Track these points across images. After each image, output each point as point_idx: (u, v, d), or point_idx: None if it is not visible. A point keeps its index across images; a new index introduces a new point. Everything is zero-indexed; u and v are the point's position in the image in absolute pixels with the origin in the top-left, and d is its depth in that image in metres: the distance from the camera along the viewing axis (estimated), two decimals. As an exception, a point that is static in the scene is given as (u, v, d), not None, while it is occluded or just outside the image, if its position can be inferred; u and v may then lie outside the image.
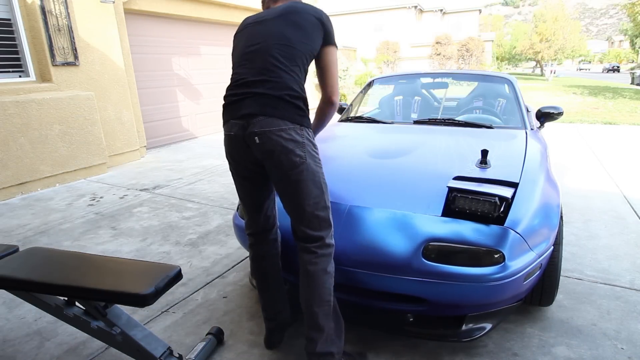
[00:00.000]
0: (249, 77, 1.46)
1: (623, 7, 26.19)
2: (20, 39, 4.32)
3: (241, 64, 1.52)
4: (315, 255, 1.45)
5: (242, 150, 1.47)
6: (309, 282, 1.46)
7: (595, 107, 11.01)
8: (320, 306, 1.45)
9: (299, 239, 1.50)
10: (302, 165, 1.41)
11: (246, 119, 1.42)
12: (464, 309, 1.61)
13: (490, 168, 1.87)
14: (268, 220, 1.65)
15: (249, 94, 1.43)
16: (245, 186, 1.59)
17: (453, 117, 2.91)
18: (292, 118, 1.42)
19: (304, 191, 1.43)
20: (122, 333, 1.44)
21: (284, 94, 1.42)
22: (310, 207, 1.44)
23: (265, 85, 1.42)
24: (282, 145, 1.39)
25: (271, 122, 1.39)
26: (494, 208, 1.52)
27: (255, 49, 1.49)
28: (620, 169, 4.59)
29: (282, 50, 1.46)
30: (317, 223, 1.46)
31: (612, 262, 2.45)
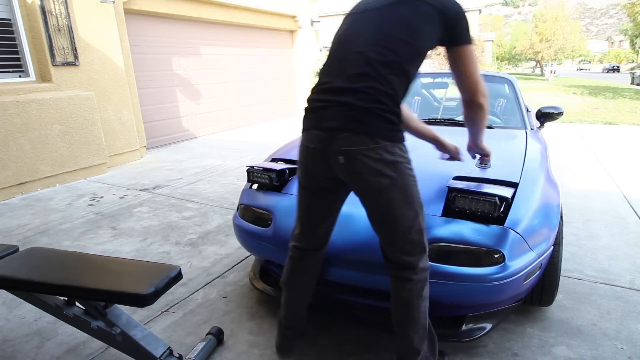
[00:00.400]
0: (337, 82, 1.26)
1: (623, 7, 26.21)
2: (20, 39, 4.32)
3: (331, 65, 1.33)
4: (410, 282, 1.32)
5: (320, 165, 1.30)
6: (403, 309, 1.35)
7: (595, 107, 11.01)
8: (416, 331, 1.35)
9: (390, 264, 1.36)
10: (392, 188, 1.23)
11: (330, 133, 1.24)
12: (464, 309, 1.61)
13: (490, 168, 1.87)
14: (322, 239, 1.50)
15: (333, 103, 1.25)
16: (311, 201, 1.42)
17: (453, 117, 2.91)
18: (383, 134, 1.22)
19: (395, 214, 1.27)
20: (122, 333, 1.44)
21: (374, 106, 1.21)
22: (403, 232, 1.28)
23: (355, 95, 1.22)
24: (370, 166, 1.21)
25: (358, 140, 1.20)
26: (494, 208, 1.52)
27: (349, 48, 1.29)
28: (620, 169, 4.59)
29: (380, 53, 1.24)
30: (411, 248, 1.31)
31: (612, 262, 2.45)
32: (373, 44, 1.25)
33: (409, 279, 1.32)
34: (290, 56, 9.92)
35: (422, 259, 1.34)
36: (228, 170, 4.88)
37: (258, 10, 8.04)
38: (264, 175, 2.00)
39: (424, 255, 1.34)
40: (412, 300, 1.33)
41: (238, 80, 8.22)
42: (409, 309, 1.34)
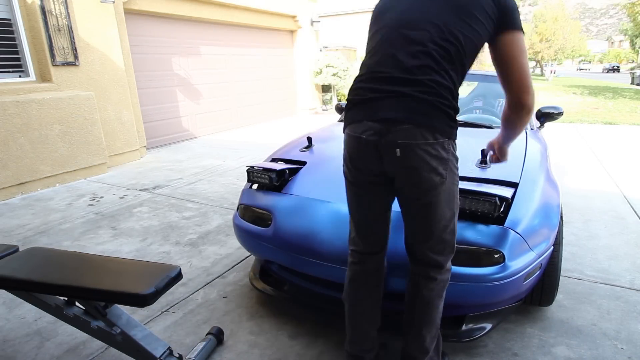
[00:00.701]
0: (395, 72, 1.18)
1: (623, 7, 26.22)
2: (20, 39, 4.32)
3: (384, 52, 1.22)
4: (434, 282, 1.31)
5: (371, 158, 1.23)
6: (422, 307, 1.33)
7: (595, 107, 11.01)
8: (430, 331, 1.35)
9: (417, 262, 1.33)
10: (441, 186, 1.20)
11: (387, 124, 1.17)
12: (464, 309, 1.61)
13: (490, 168, 1.87)
14: (381, 240, 1.42)
15: (392, 93, 1.17)
16: (362, 197, 1.35)
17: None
18: (443, 130, 1.17)
19: (436, 213, 1.23)
20: (122, 333, 1.44)
21: (438, 100, 1.16)
22: (438, 230, 1.26)
23: (415, 87, 1.16)
24: (427, 162, 1.16)
25: (419, 134, 1.14)
26: (494, 208, 1.52)
27: (406, 34, 1.19)
28: (620, 169, 4.59)
29: (439, 45, 1.17)
30: (442, 247, 1.29)
31: (612, 262, 2.45)
32: (435, 33, 1.17)
33: (434, 278, 1.31)
34: (290, 56, 9.92)
35: (448, 260, 1.34)
36: (228, 170, 4.88)
37: (258, 10, 8.04)
38: (264, 175, 2.00)
39: (451, 256, 1.34)
40: (433, 299, 1.33)
41: (238, 80, 8.22)
42: (429, 309, 1.33)
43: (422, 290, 1.33)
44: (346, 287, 1.47)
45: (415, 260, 1.35)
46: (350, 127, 1.27)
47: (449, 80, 1.18)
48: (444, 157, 1.18)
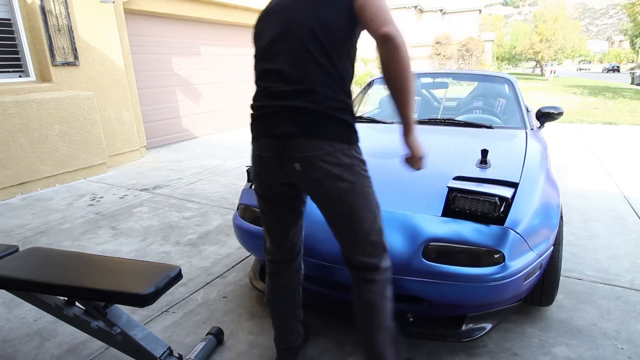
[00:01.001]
0: (282, 86, 1.18)
1: (623, 7, 26.21)
2: (20, 39, 4.32)
3: (267, 66, 1.23)
4: (374, 283, 1.30)
5: (275, 173, 1.25)
6: (368, 312, 1.32)
7: (595, 107, 11.00)
8: (381, 334, 1.32)
9: (353, 267, 1.33)
10: (351, 191, 1.20)
11: (282, 140, 1.18)
12: (464, 309, 1.61)
13: (490, 168, 1.87)
14: (294, 248, 1.46)
15: (282, 108, 1.18)
16: (272, 210, 1.38)
17: (453, 117, 2.91)
18: (339, 137, 1.17)
19: (356, 217, 1.23)
20: (122, 333, 1.44)
21: (326, 107, 1.15)
22: (363, 235, 1.26)
23: (304, 98, 1.15)
24: (329, 171, 1.16)
25: (315, 145, 1.15)
26: (494, 208, 1.52)
27: (284, 45, 1.19)
28: (620, 169, 4.59)
29: (317, 44, 1.15)
30: (372, 249, 1.29)
31: (612, 262, 2.45)
32: (306, 34, 1.15)
33: (372, 279, 1.30)
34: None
35: (384, 258, 1.32)
36: (228, 170, 4.88)
37: (258, 10, 7.98)
38: None
39: (385, 255, 1.33)
40: (377, 301, 1.31)
41: (238, 80, 8.22)
42: (374, 311, 1.31)
43: (364, 294, 1.32)
44: (267, 294, 1.53)
45: (351, 266, 1.34)
46: (253, 144, 1.29)
47: (336, 80, 1.17)
48: (346, 163, 1.18)
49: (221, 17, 7.27)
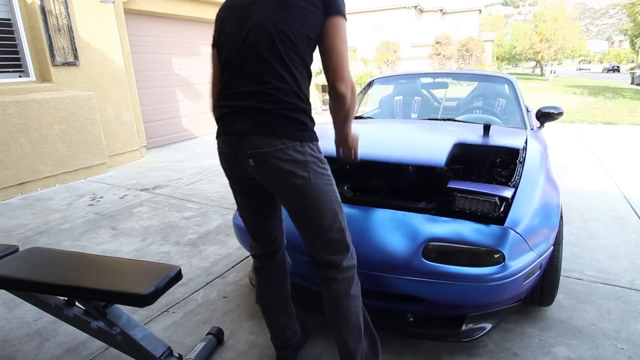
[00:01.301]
0: (239, 86, 1.25)
1: (623, 7, 26.22)
2: (20, 39, 4.32)
3: (228, 68, 1.28)
4: (335, 282, 1.32)
5: (237, 168, 1.31)
6: (334, 309, 1.35)
7: (595, 107, 11.01)
8: (349, 332, 1.34)
9: (317, 265, 1.36)
10: (307, 187, 1.22)
11: (238, 137, 1.24)
12: (464, 309, 1.61)
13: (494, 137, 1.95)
14: (274, 241, 1.48)
15: (238, 108, 1.25)
16: (245, 202, 1.43)
17: (453, 117, 2.91)
18: (291, 134, 1.21)
19: (314, 214, 1.26)
20: (122, 333, 1.44)
21: (279, 107, 1.21)
22: (323, 231, 1.28)
23: (257, 98, 1.21)
24: (281, 167, 1.20)
25: (266, 142, 1.20)
26: (494, 208, 1.53)
27: (242, 49, 1.23)
28: (620, 169, 4.59)
29: (272, 47, 1.19)
30: (333, 247, 1.31)
31: (612, 262, 2.45)
32: (263, 38, 1.20)
33: (333, 278, 1.32)
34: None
35: (346, 257, 1.33)
36: (228, 170, 4.88)
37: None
38: None
39: (347, 254, 1.34)
40: (339, 300, 1.33)
41: (238, 80, 8.22)
42: (338, 310, 1.34)
43: (328, 293, 1.35)
44: (257, 290, 1.56)
45: (315, 263, 1.36)
46: (217, 140, 1.36)
47: (291, 83, 1.22)
48: (299, 159, 1.21)
49: (221, 17, 7.26)
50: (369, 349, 1.43)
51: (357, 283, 1.37)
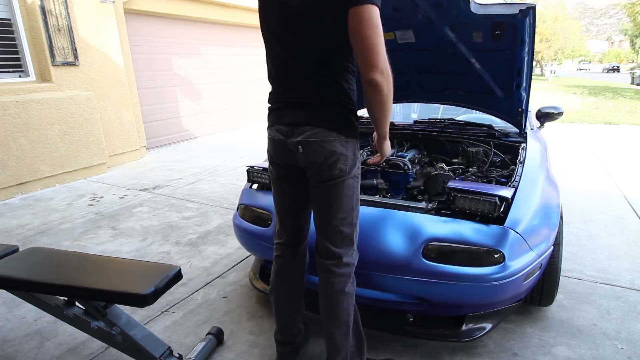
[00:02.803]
0: (291, 85, 1.34)
1: (623, 7, 26.24)
2: (20, 39, 4.32)
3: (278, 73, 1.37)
4: (333, 275, 1.37)
5: (285, 154, 1.39)
6: (326, 302, 1.40)
7: (595, 107, 11.01)
8: (337, 327, 1.38)
9: (319, 255, 1.42)
10: (340, 179, 1.32)
11: (291, 127, 1.33)
12: (464, 309, 1.61)
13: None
14: (300, 232, 1.53)
15: (292, 102, 1.34)
16: (284, 190, 1.49)
17: (453, 117, 2.91)
18: (339, 129, 1.30)
19: (335, 203, 1.34)
20: (122, 333, 1.44)
21: (330, 105, 1.30)
22: (336, 221, 1.35)
23: (311, 96, 1.30)
24: (326, 156, 1.29)
25: (317, 133, 1.29)
26: (494, 208, 1.52)
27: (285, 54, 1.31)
28: (621, 169, 4.59)
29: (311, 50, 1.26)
30: (339, 239, 1.37)
31: (612, 262, 2.45)
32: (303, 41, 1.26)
33: (332, 271, 1.37)
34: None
35: (348, 253, 1.38)
36: (228, 170, 4.88)
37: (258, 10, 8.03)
38: (263, 175, 2.00)
39: (350, 250, 1.39)
40: (334, 294, 1.37)
41: (238, 80, 8.22)
42: (331, 304, 1.38)
43: (325, 285, 1.39)
44: (272, 280, 1.58)
45: (318, 253, 1.42)
46: (268, 130, 1.44)
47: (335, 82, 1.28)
48: (342, 152, 1.30)
49: (221, 17, 7.26)
50: (355, 349, 1.45)
51: (353, 282, 1.41)
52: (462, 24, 2.04)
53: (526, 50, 2.01)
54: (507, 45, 2.06)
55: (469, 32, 2.07)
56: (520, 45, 2.00)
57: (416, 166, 2.26)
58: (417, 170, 2.18)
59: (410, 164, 2.10)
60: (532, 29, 1.92)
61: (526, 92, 2.21)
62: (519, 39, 1.97)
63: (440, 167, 2.23)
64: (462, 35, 2.11)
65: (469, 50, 2.17)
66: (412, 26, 2.19)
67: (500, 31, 1.99)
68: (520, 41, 1.98)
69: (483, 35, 2.06)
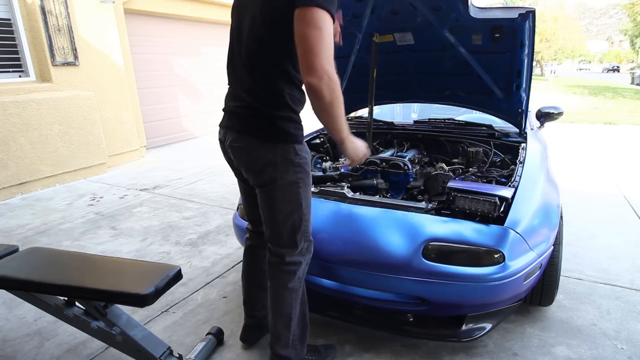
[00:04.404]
0: (232, 87, 1.41)
1: (623, 7, 26.24)
2: (20, 39, 4.32)
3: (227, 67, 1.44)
4: (277, 270, 1.43)
5: (226, 155, 1.49)
6: (272, 295, 1.46)
7: (595, 107, 11.01)
8: (279, 318, 1.44)
9: (268, 250, 1.47)
10: (272, 185, 1.33)
11: (225, 130, 1.41)
12: (464, 309, 1.61)
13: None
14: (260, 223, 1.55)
15: (230, 107, 1.40)
16: (240, 185, 1.60)
17: (453, 117, 2.90)
18: (264, 136, 1.30)
19: (272, 208, 1.37)
20: (122, 333, 1.44)
21: (260, 111, 1.29)
22: (277, 223, 1.38)
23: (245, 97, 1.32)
24: (251, 162, 1.34)
25: (240, 138, 1.34)
26: (494, 208, 1.52)
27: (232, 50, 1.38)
28: (621, 169, 4.59)
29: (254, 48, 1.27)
30: (280, 240, 1.40)
31: (612, 262, 2.45)
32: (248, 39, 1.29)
33: (277, 267, 1.43)
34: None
35: (290, 254, 1.41)
36: (228, 170, 4.85)
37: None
38: None
39: (293, 251, 1.41)
40: (278, 288, 1.43)
41: (238, 80, 8.21)
42: (275, 296, 1.45)
43: (271, 278, 1.46)
44: (243, 263, 1.72)
45: (267, 249, 1.48)
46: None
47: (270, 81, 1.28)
48: (269, 159, 1.30)
49: (221, 17, 7.26)
50: (297, 337, 1.49)
51: (299, 279, 1.45)
52: (462, 26, 2.04)
53: (526, 53, 2.02)
54: (506, 48, 2.06)
55: (468, 35, 2.07)
56: (520, 47, 2.00)
57: (416, 166, 2.26)
58: (417, 170, 2.18)
59: (410, 164, 2.10)
60: (531, 32, 1.92)
61: (526, 93, 2.21)
62: (518, 41, 1.97)
63: (440, 167, 2.23)
64: (461, 38, 2.11)
65: (469, 52, 2.17)
66: (412, 29, 2.19)
67: (499, 34, 1.98)
68: (520, 44, 1.98)
69: (482, 38, 2.05)
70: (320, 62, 1.10)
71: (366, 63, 2.41)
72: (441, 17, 2.01)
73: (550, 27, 33.36)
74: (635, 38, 39.64)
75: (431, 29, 2.11)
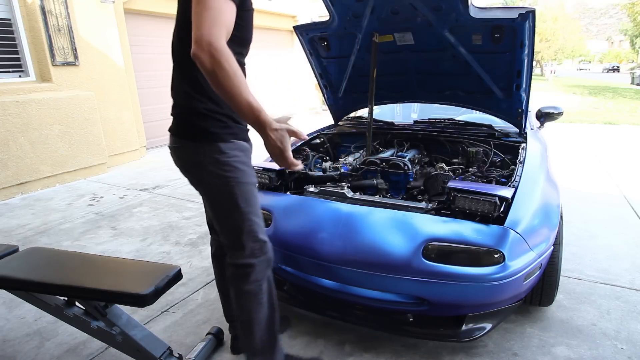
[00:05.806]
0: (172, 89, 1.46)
1: (623, 7, 26.24)
2: (20, 39, 4.32)
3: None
4: (231, 274, 1.37)
5: None
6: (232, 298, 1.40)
7: (595, 107, 11.01)
8: (240, 322, 1.42)
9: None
10: (202, 185, 1.35)
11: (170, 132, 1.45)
12: (464, 309, 1.61)
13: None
14: None
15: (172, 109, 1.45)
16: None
17: (453, 117, 2.91)
18: (187, 136, 1.32)
19: (212, 209, 1.37)
20: (122, 333, 1.44)
21: (184, 110, 1.35)
22: (220, 225, 1.37)
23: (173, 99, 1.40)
24: (181, 163, 1.38)
25: (173, 141, 1.39)
26: (494, 208, 1.52)
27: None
28: (621, 169, 4.59)
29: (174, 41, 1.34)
30: (227, 242, 1.37)
31: (612, 262, 2.45)
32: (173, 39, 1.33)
33: (228, 263, 1.38)
34: (290, 56, 9.91)
35: (239, 256, 1.32)
36: (228, 170, 4.88)
37: (257, 10, 8.00)
38: (263, 175, 2.00)
39: (241, 253, 1.32)
40: (234, 291, 1.38)
41: (238, 80, 8.21)
42: (235, 300, 1.40)
43: (228, 282, 1.43)
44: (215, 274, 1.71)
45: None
46: None
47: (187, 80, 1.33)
48: (196, 160, 1.31)
49: (221, 17, 7.26)
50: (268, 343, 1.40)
51: (255, 282, 1.33)
52: (462, 26, 2.03)
53: (526, 53, 2.02)
54: (506, 48, 2.06)
55: (468, 35, 2.07)
56: (520, 47, 2.00)
57: (416, 166, 2.26)
58: (417, 170, 2.18)
59: (410, 164, 2.10)
60: (531, 32, 1.92)
61: (526, 93, 2.21)
62: (518, 41, 1.97)
63: (440, 167, 2.23)
64: (461, 38, 2.11)
65: (469, 52, 2.17)
66: (412, 29, 2.19)
67: (499, 34, 1.98)
68: (520, 44, 1.98)
69: (482, 38, 2.05)
70: (201, 33, 1.03)
71: (366, 63, 2.41)
72: (441, 17, 2.01)
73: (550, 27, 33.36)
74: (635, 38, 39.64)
75: (431, 29, 2.11)
